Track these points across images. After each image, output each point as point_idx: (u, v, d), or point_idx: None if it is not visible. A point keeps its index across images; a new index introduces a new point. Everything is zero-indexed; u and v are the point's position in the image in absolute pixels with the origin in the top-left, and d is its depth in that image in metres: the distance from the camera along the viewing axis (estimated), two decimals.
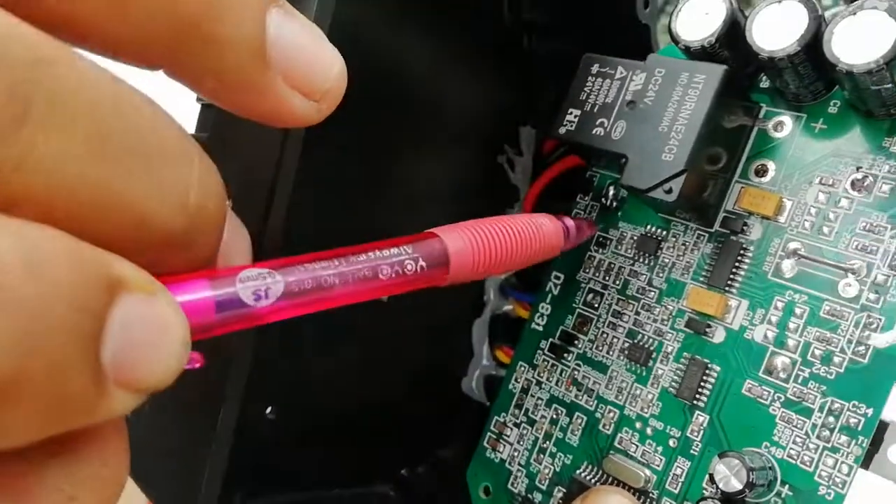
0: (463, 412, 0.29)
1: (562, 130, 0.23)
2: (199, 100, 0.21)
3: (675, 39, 0.21)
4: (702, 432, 0.22)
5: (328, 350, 0.24)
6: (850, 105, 0.21)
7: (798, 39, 0.19)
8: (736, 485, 0.19)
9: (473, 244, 0.18)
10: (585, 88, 0.23)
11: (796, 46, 0.19)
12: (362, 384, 0.26)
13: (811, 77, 0.20)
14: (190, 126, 0.21)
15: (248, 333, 0.18)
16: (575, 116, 0.23)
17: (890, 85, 0.18)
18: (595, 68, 0.23)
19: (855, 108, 0.21)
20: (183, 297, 0.12)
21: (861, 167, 0.20)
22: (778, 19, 0.19)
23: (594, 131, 0.22)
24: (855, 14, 0.18)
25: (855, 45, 0.18)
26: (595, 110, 0.23)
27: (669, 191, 0.21)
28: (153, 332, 0.11)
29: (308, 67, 0.14)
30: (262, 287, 0.13)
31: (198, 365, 0.13)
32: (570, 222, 0.21)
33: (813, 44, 0.19)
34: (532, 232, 0.20)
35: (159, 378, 0.11)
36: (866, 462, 0.20)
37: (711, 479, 0.19)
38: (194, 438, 0.20)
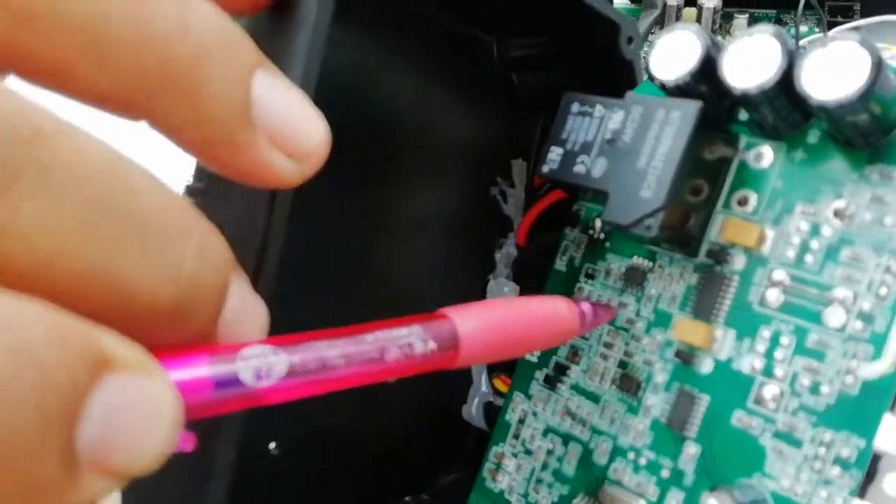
0: (464, 439, 0.27)
1: (545, 169, 0.22)
2: None
3: (650, 76, 0.20)
4: (693, 463, 0.20)
5: None
6: (828, 134, 0.20)
7: (772, 75, 0.18)
8: None
9: (486, 327, 0.16)
10: (566, 127, 0.22)
11: (769, 82, 0.18)
12: (362, 413, 0.25)
13: (787, 109, 0.19)
14: (187, 173, 0.21)
15: None
16: (558, 155, 0.22)
17: (865, 116, 0.17)
18: (575, 107, 0.22)
19: (834, 137, 0.19)
20: (179, 374, 0.11)
21: (842, 196, 0.19)
22: (750, 53, 0.18)
23: (576, 169, 0.21)
24: (825, 46, 0.17)
25: (827, 77, 0.17)
26: (576, 148, 0.21)
27: (649, 227, 0.19)
28: (141, 415, 0.10)
29: (292, 129, 0.13)
30: (263, 367, 0.12)
31: (189, 448, 0.12)
32: (587, 308, 0.20)
33: (785, 78, 0.18)
34: (546, 317, 0.18)
35: (142, 465, 0.10)
36: (861, 493, 0.18)
37: None
38: (193, 473, 0.20)
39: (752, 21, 0.40)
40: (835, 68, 0.17)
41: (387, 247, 0.25)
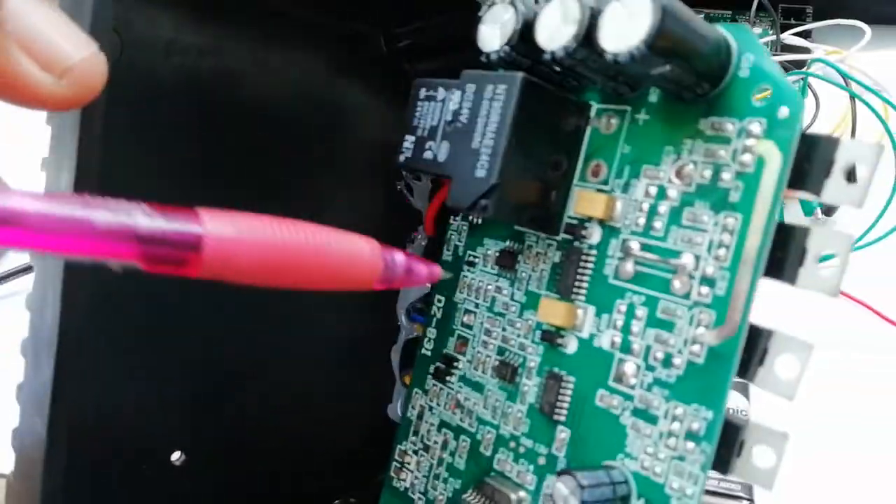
0: (390, 439, 0.27)
1: (401, 158, 0.22)
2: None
3: (478, 52, 0.19)
4: (564, 448, 0.19)
5: (242, 385, 0.23)
6: (665, 93, 0.18)
7: (574, 35, 0.17)
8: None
9: (243, 234, 0.14)
10: (416, 113, 0.21)
11: (573, 42, 0.17)
12: (282, 417, 0.25)
13: (612, 70, 0.18)
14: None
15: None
16: (411, 143, 0.21)
17: (670, 68, 0.16)
18: (423, 92, 0.21)
19: (670, 95, 0.18)
20: None
21: (682, 155, 0.18)
22: (557, 17, 0.17)
23: (425, 155, 0.21)
24: (620, 0, 0.16)
25: (622, 31, 0.16)
26: (425, 134, 0.21)
27: (485, 207, 0.19)
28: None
29: (47, 41, 0.13)
30: None
31: None
32: (399, 258, 0.18)
33: (588, 37, 0.17)
34: (340, 252, 0.17)
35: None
36: (724, 467, 0.17)
37: (552, 501, 0.17)
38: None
39: (708, 21, 0.39)
40: (627, 21, 0.16)
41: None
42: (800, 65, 0.36)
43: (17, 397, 0.19)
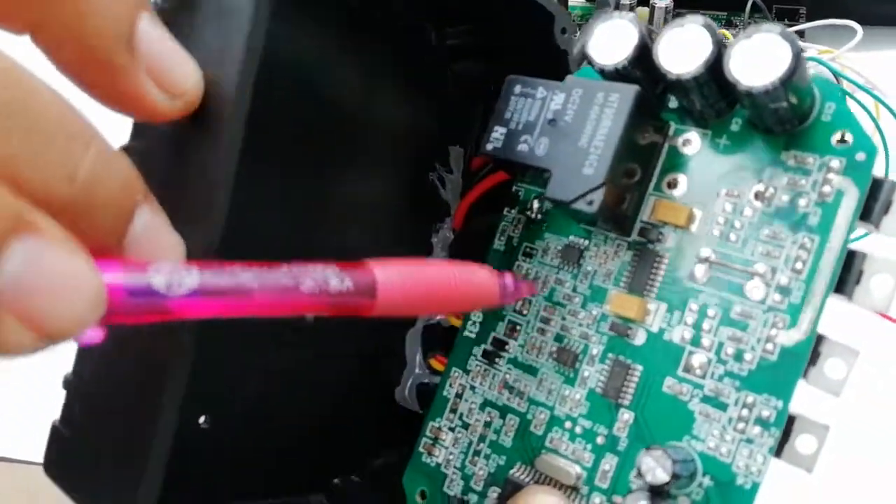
0: (396, 421, 0.28)
1: (489, 147, 0.23)
2: None
3: (590, 62, 0.21)
4: (627, 429, 0.21)
5: (260, 359, 0.23)
6: (749, 122, 0.21)
7: (703, 62, 0.19)
8: (662, 476, 0.19)
9: (404, 279, 0.17)
10: (510, 108, 0.23)
11: (701, 68, 0.19)
12: (294, 394, 0.25)
13: (715, 97, 0.21)
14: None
15: (183, 340, 0.17)
16: (501, 134, 0.23)
17: (785, 104, 0.19)
18: (518, 89, 0.23)
19: (754, 125, 0.21)
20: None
21: (762, 180, 0.21)
22: (682, 43, 0.20)
23: (519, 148, 0.22)
24: (751, 37, 0.19)
25: (753, 66, 0.18)
26: (519, 128, 0.22)
27: (591, 202, 0.20)
28: (64, 282, 0.11)
29: (170, 65, 0.15)
30: (175, 278, 0.13)
31: (97, 340, 0.13)
32: (509, 280, 0.21)
33: (715, 65, 0.19)
34: (467, 281, 0.19)
35: (60, 327, 0.11)
36: (778, 451, 0.20)
37: (639, 472, 0.19)
38: (130, 446, 0.19)
39: None
40: (759, 58, 0.18)
41: (326, 230, 0.25)
42: None
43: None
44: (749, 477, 0.19)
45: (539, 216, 0.25)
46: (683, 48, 0.20)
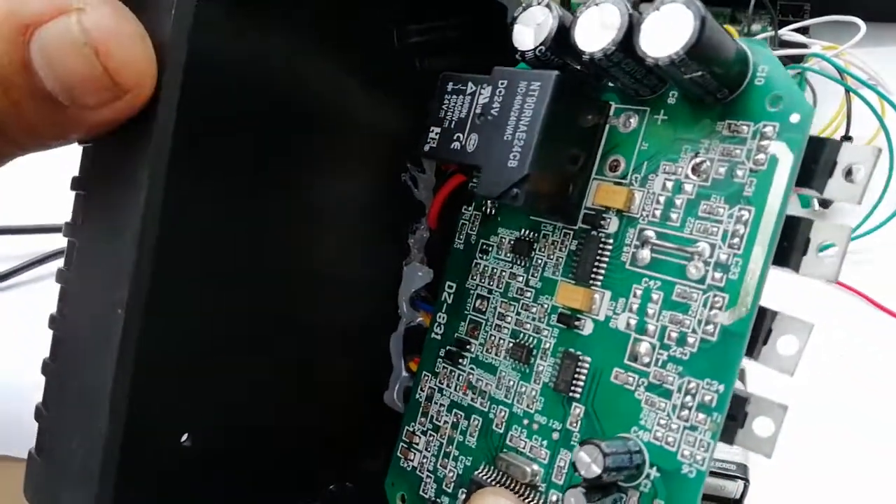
0: (386, 424, 0.28)
1: (426, 148, 0.23)
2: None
3: (513, 49, 0.21)
4: (579, 423, 0.21)
5: (244, 367, 0.24)
6: (684, 96, 0.21)
7: (612, 38, 0.19)
8: (595, 470, 0.18)
9: None
10: (443, 106, 0.23)
11: (612, 46, 0.19)
12: (284, 402, 0.26)
13: (641, 73, 0.20)
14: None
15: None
16: (436, 134, 0.23)
17: (701, 73, 0.18)
18: (450, 86, 0.23)
19: (688, 97, 0.20)
20: None
21: (699, 152, 0.20)
22: (596, 22, 0.19)
23: (452, 146, 0.22)
24: (659, 9, 0.18)
25: (662, 38, 0.18)
26: (452, 126, 0.23)
27: (515, 195, 0.20)
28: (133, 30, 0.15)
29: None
30: None
31: None
32: None
33: (627, 41, 0.19)
34: None
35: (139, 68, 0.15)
36: (729, 437, 0.19)
37: (575, 468, 0.19)
38: (91, 471, 0.20)
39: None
40: (667, 29, 0.18)
41: (302, 235, 0.26)
42: (798, 60, 0.37)
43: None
44: (694, 465, 0.19)
45: (493, 211, 0.25)
46: (597, 27, 0.19)
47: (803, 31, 0.40)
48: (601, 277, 0.21)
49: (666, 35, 0.18)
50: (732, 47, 0.19)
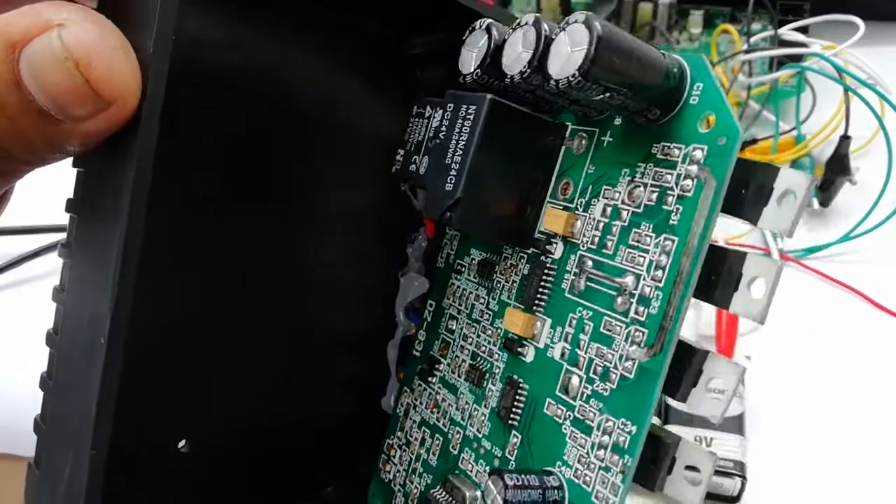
0: (383, 429, 0.29)
1: (393, 169, 0.24)
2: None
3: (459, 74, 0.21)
4: (515, 452, 0.21)
5: (241, 375, 0.25)
6: (626, 118, 0.20)
7: (527, 61, 0.18)
8: (498, 502, 0.18)
9: None
10: (408, 129, 0.23)
11: (527, 68, 0.18)
12: (281, 406, 0.27)
13: (561, 95, 0.19)
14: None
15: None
16: (401, 156, 0.24)
17: (608, 94, 0.17)
18: (415, 109, 0.23)
19: (631, 120, 0.19)
20: None
21: (635, 177, 0.19)
22: (519, 43, 0.19)
23: (410, 168, 0.23)
24: (565, 29, 0.18)
25: (566, 59, 0.17)
26: (412, 148, 0.23)
27: (449, 219, 0.20)
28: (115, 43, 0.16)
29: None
30: None
31: None
32: None
33: (541, 63, 0.18)
34: None
35: (123, 81, 0.16)
36: (650, 483, 0.18)
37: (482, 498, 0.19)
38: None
39: (708, 17, 0.40)
40: (570, 50, 0.17)
41: (302, 244, 0.27)
42: (797, 60, 0.37)
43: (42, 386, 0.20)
44: None
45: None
46: (521, 49, 0.19)
47: (803, 30, 0.39)
48: (544, 304, 0.21)
49: (569, 56, 0.17)
50: (652, 65, 0.18)
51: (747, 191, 0.17)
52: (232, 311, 0.25)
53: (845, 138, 0.37)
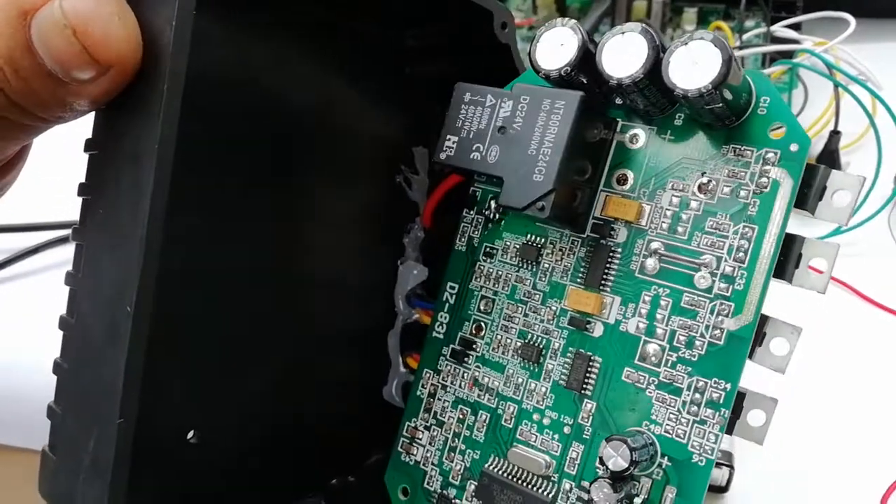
0: (385, 419, 0.29)
1: (443, 156, 0.24)
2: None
3: (535, 69, 0.22)
4: (591, 418, 0.23)
5: (248, 368, 0.24)
6: (691, 118, 0.23)
7: (641, 67, 0.21)
8: (621, 464, 0.21)
9: None
10: (460, 116, 0.24)
11: (640, 73, 0.21)
12: (287, 400, 0.26)
13: (656, 97, 0.22)
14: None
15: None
16: (453, 142, 0.24)
17: (721, 104, 0.20)
18: (467, 97, 0.24)
19: (696, 120, 0.23)
20: None
21: (705, 172, 0.22)
22: (622, 49, 0.21)
23: (472, 155, 0.23)
24: (687, 44, 0.20)
25: (688, 71, 0.20)
26: (471, 136, 0.24)
27: (542, 208, 0.22)
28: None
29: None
30: None
31: None
32: None
33: (654, 70, 0.21)
34: None
35: (119, 47, 0.17)
36: (730, 428, 0.22)
37: (601, 461, 0.21)
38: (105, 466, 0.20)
39: (702, 15, 0.43)
40: (694, 63, 0.20)
41: (300, 236, 0.26)
42: (789, 56, 0.38)
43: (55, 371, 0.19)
44: (703, 455, 0.21)
45: (497, 216, 0.26)
46: (623, 53, 0.21)
47: (795, 27, 0.40)
48: (610, 283, 0.23)
49: (692, 69, 0.20)
50: (745, 81, 0.21)
51: (809, 189, 0.21)
52: (240, 308, 0.24)
53: (835, 133, 0.38)
